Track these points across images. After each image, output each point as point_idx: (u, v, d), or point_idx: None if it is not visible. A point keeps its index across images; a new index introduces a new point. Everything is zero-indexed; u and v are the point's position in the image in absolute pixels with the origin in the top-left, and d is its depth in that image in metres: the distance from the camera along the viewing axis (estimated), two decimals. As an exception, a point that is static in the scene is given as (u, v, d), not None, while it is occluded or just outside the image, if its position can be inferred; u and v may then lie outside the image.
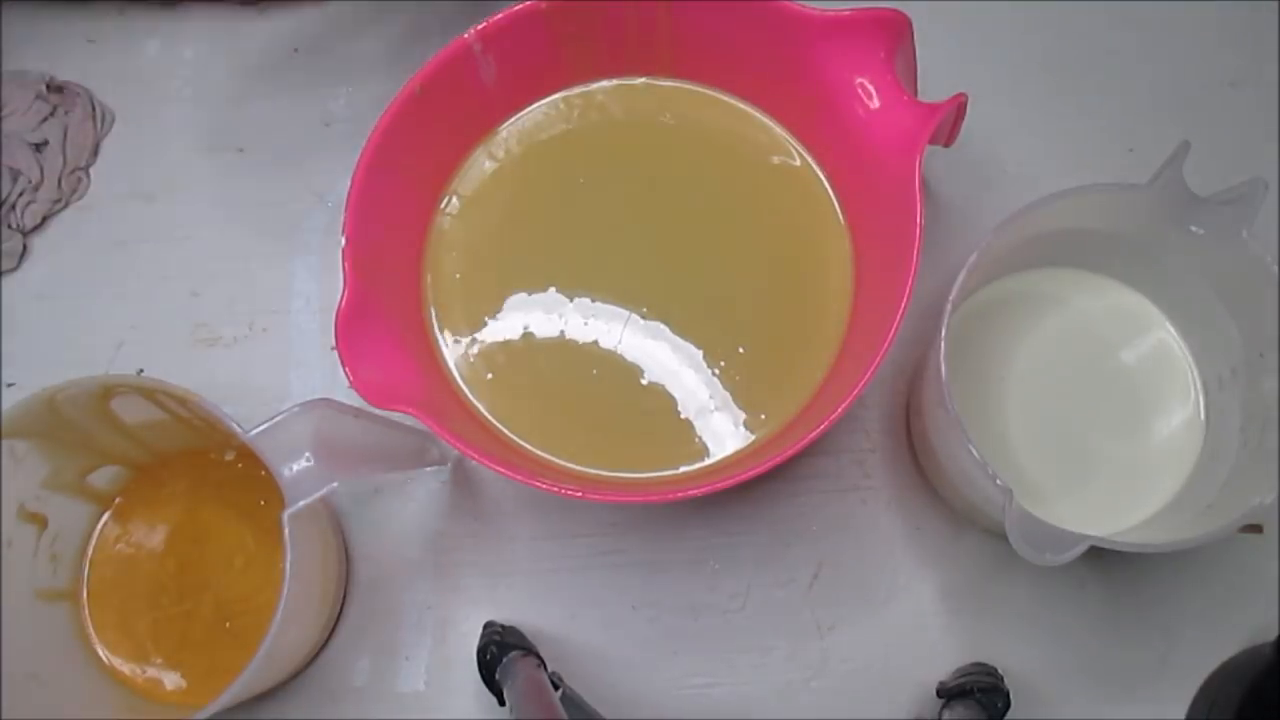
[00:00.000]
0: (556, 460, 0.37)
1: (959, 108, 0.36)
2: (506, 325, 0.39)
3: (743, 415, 0.37)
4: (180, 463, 0.41)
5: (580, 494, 0.33)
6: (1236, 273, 0.35)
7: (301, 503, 0.32)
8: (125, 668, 0.39)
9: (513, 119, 0.42)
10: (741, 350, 0.38)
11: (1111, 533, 0.37)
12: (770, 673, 0.40)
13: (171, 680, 0.39)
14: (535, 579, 0.41)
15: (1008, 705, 0.36)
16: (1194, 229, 0.35)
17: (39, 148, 0.46)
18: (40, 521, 0.38)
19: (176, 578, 0.40)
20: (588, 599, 0.41)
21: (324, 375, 0.44)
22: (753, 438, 0.37)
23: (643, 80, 0.42)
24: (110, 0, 0.50)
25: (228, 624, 0.39)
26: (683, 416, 0.38)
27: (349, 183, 0.35)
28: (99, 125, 0.48)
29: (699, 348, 0.38)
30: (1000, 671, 0.38)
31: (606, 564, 0.41)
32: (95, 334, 0.45)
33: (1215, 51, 0.46)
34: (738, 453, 0.37)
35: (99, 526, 0.41)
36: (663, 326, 0.39)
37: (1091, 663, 0.39)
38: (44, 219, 0.47)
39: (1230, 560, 0.39)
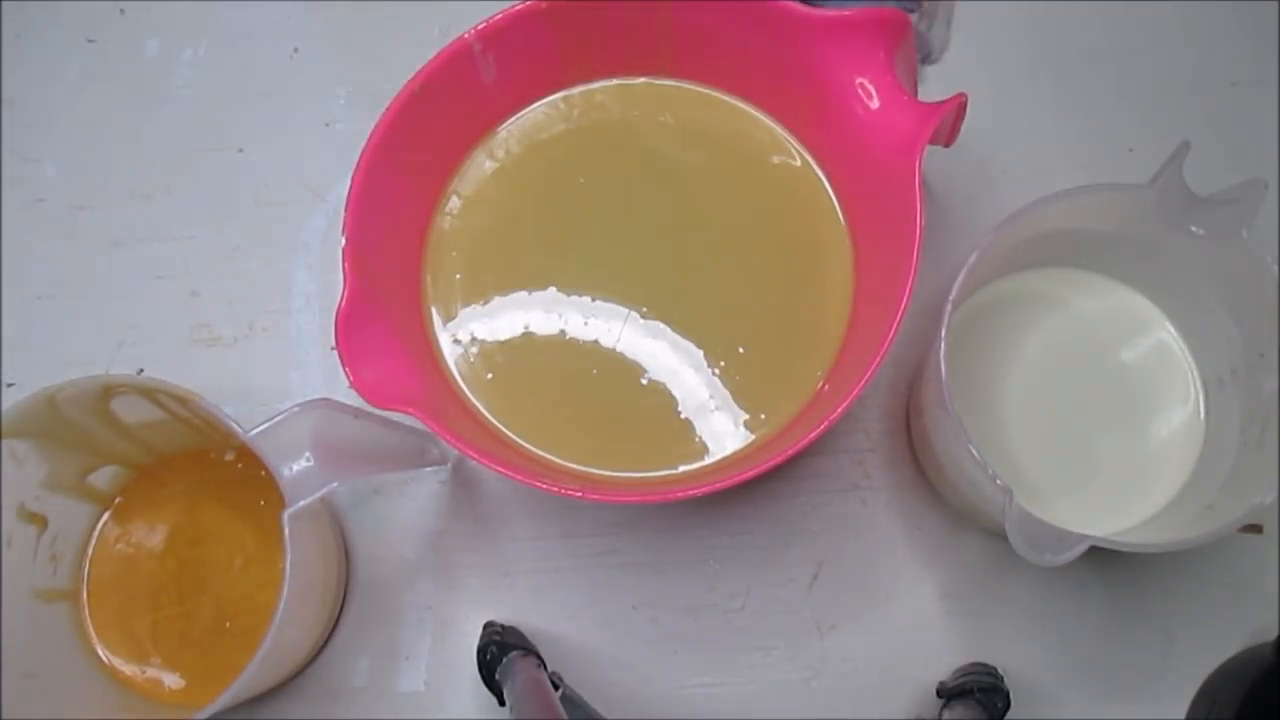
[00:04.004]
0: (556, 460, 0.37)
1: (959, 108, 0.36)
2: (506, 325, 0.39)
3: (743, 415, 0.37)
4: (180, 463, 0.41)
5: (580, 494, 0.33)
6: (1236, 273, 0.35)
7: (301, 503, 0.32)
8: (125, 668, 0.39)
9: (513, 119, 0.42)
10: (741, 350, 0.38)
11: (1111, 533, 0.37)
12: (770, 673, 0.40)
13: (171, 680, 0.39)
14: (535, 579, 0.41)
15: (1008, 705, 0.36)
16: (1194, 229, 0.35)
17: None
18: (40, 521, 0.38)
19: (176, 578, 0.40)
20: (588, 599, 0.41)
21: (324, 375, 0.44)
22: (752, 438, 0.37)
23: (643, 80, 0.42)
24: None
25: (228, 624, 0.39)
26: (683, 416, 0.38)
27: (349, 183, 0.35)
28: None
29: (699, 348, 0.38)
30: (1000, 671, 0.38)
31: (606, 564, 0.41)
32: (95, 334, 0.45)
33: (1215, 51, 0.46)
34: (737, 453, 0.37)
35: (99, 526, 0.41)
36: (663, 326, 0.39)
37: (1091, 663, 0.39)
38: None
39: (1230, 560, 0.39)
